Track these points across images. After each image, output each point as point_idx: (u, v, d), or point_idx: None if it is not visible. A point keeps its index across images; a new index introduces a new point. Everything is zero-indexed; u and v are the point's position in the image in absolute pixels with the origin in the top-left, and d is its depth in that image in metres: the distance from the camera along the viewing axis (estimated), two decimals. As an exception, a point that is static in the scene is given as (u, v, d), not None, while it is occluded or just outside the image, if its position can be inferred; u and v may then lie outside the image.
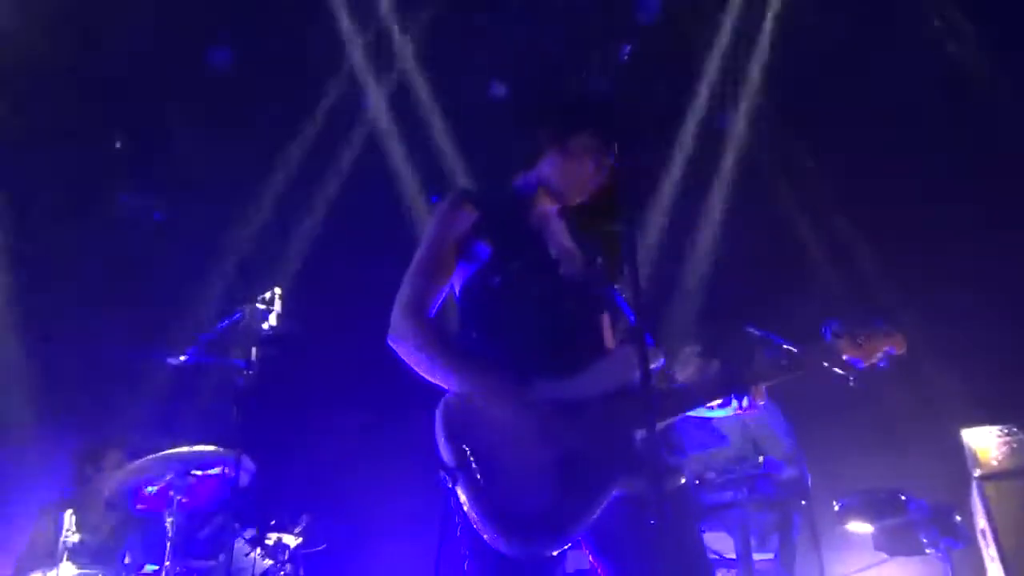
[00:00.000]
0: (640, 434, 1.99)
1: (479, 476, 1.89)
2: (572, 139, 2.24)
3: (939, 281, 4.96)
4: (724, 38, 5.94)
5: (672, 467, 2.03)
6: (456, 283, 2.24)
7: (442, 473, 1.92)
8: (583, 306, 2.20)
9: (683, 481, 2.02)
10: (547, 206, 2.31)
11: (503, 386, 2.01)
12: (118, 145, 5.53)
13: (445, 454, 1.94)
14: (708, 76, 5.97)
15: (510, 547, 1.87)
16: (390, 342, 2.16)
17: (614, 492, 1.95)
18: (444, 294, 2.21)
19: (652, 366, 2.04)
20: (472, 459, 1.91)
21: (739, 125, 6.00)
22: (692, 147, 5.93)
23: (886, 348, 2.21)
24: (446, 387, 2.06)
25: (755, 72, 5.95)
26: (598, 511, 1.93)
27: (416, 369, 2.12)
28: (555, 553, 1.91)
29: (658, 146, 5.77)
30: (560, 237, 2.27)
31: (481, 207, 2.22)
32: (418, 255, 2.22)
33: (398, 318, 2.15)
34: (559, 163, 2.26)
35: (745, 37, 5.90)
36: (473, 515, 1.89)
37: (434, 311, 2.18)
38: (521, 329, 2.11)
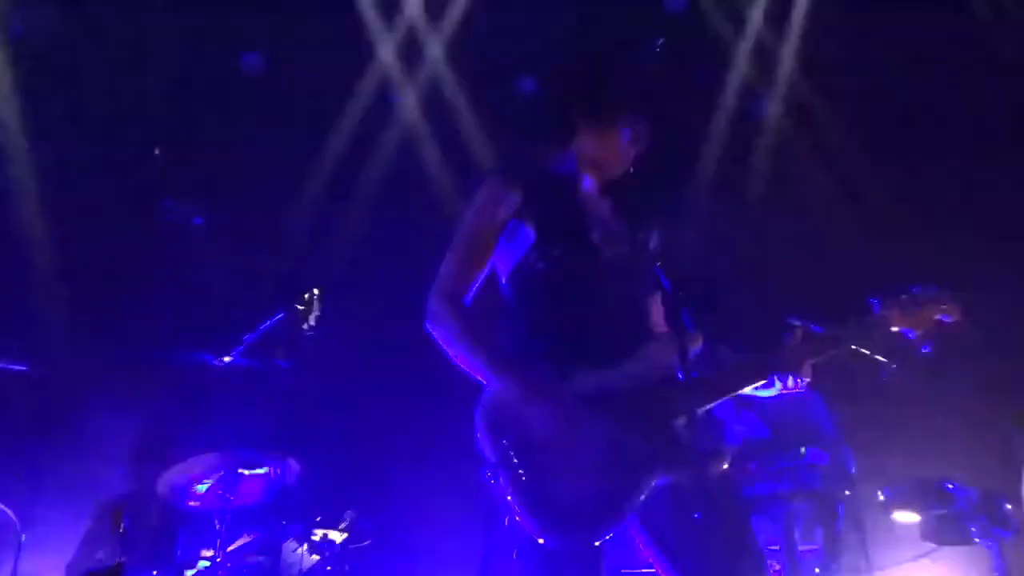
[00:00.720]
0: (681, 421, 1.98)
1: (520, 470, 1.91)
2: (605, 111, 2.19)
3: (986, 267, 4.86)
4: (756, 21, 5.88)
5: (715, 451, 2.00)
6: (500, 267, 2.21)
7: (484, 469, 1.94)
8: (629, 289, 2.18)
9: (726, 465, 2.00)
10: (589, 184, 2.27)
11: (539, 382, 2.01)
12: (156, 152, 5.64)
13: (486, 449, 1.95)
14: (740, 62, 5.92)
15: (553, 538, 1.89)
16: (427, 327, 2.15)
17: (657, 480, 1.95)
18: (482, 277, 2.19)
19: (692, 351, 2.05)
20: (512, 454, 1.92)
21: (773, 111, 5.93)
22: (726, 135, 5.88)
23: (939, 316, 2.14)
24: (481, 379, 2.07)
25: (788, 55, 5.88)
26: (640, 500, 1.93)
27: (451, 357, 2.12)
28: (599, 543, 1.92)
29: (692, 134, 5.73)
30: (605, 217, 2.23)
31: (524, 188, 2.18)
32: (456, 238, 2.19)
33: (434, 304, 2.13)
34: (595, 136, 2.20)
35: (777, 18, 5.83)
36: (516, 509, 1.90)
37: (471, 296, 2.17)
38: (566, 313, 2.10)
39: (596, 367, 2.04)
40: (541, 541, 1.89)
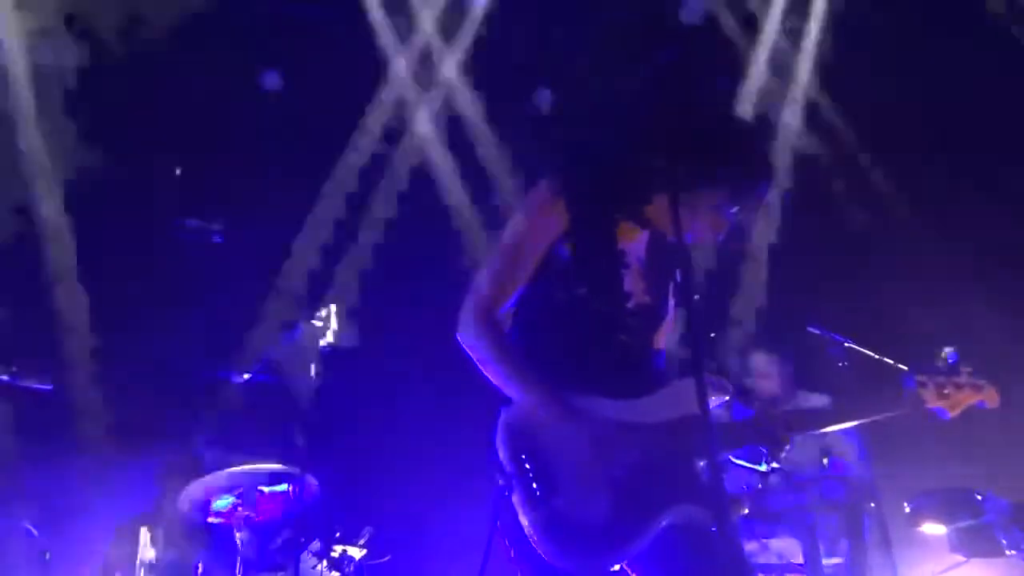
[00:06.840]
0: (702, 463, 1.93)
1: (535, 486, 1.88)
2: (697, 192, 1.98)
3: (1012, 268, 4.80)
4: (772, 31, 5.89)
5: (734, 498, 1.97)
6: None
7: (499, 479, 1.92)
8: (644, 340, 2.10)
9: (745, 512, 1.96)
10: (648, 229, 2.10)
11: (566, 403, 1.97)
12: (178, 172, 5.71)
13: (504, 461, 1.93)
14: (757, 71, 5.91)
15: (560, 560, 1.86)
16: (459, 340, 2.07)
17: (667, 518, 1.91)
18: (520, 290, 2.07)
19: (717, 400, 2.01)
20: (529, 468, 1.90)
21: (791, 121, 5.91)
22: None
23: (975, 402, 2.09)
24: (509, 394, 2.01)
25: (805, 65, 5.87)
26: (651, 534, 1.90)
27: (481, 369, 2.06)
28: (606, 572, 1.89)
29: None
30: (640, 261, 2.10)
31: (572, 210, 2.02)
32: (500, 248, 2.07)
33: (468, 316, 2.04)
34: (668, 208, 1.86)
35: (793, 30, 5.84)
36: (526, 524, 1.88)
37: (506, 309, 2.08)
38: (572, 353, 2.03)
39: (613, 400, 1.99)
40: (548, 560, 1.85)
